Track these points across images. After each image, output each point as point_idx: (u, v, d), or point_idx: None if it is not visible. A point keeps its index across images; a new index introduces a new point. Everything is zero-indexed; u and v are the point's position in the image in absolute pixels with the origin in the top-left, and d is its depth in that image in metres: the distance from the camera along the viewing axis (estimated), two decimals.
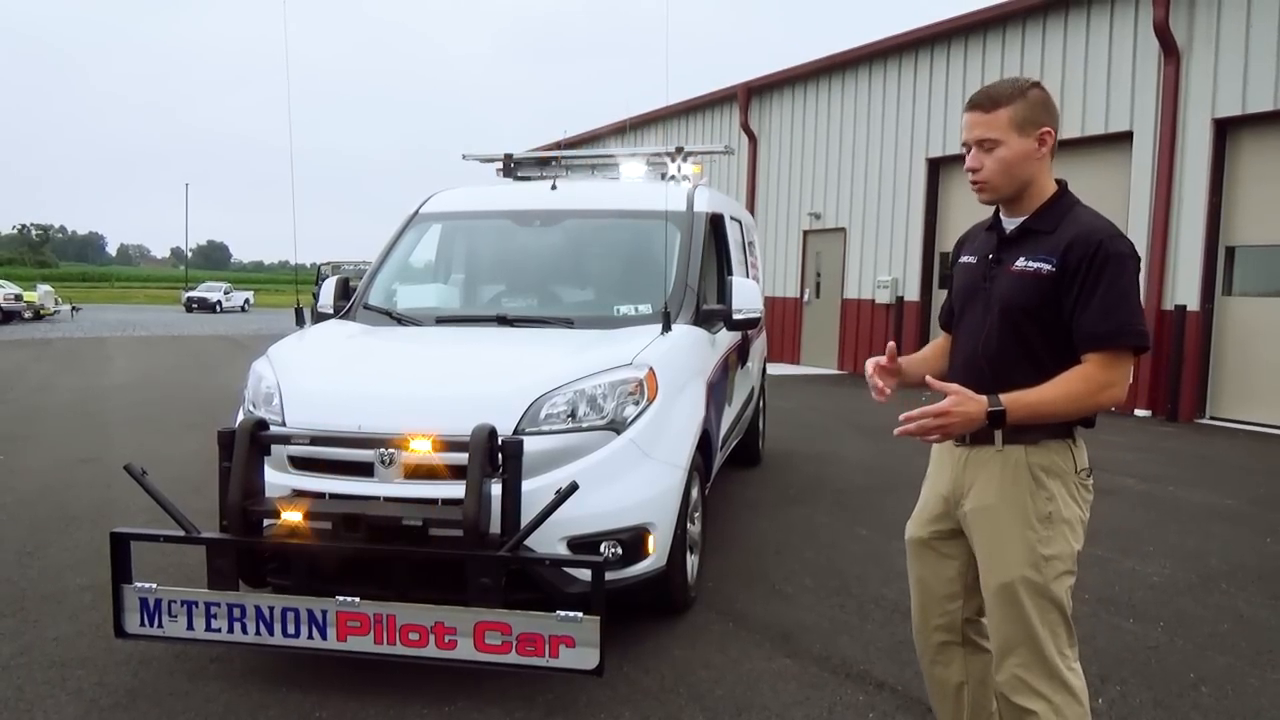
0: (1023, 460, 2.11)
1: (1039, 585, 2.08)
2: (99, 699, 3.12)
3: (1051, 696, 2.08)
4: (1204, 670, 3.45)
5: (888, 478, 6.75)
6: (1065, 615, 2.11)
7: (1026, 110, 2.09)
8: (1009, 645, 2.12)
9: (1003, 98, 2.10)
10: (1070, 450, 2.13)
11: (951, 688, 2.40)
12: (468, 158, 6.32)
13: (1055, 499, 2.10)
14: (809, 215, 15.56)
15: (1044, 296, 2.07)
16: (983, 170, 2.13)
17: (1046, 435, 2.09)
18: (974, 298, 2.23)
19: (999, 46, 12.13)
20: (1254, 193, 9.67)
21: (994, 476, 2.14)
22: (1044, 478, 2.10)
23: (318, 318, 4.86)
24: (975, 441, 2.16)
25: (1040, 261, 2.08)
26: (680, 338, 4.14)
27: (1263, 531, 5.42)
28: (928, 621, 2.40)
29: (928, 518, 2.35)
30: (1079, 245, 2.03)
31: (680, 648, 3.58)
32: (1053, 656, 2.09)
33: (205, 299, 43.43)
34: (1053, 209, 2.14)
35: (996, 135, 2.10)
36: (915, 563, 2.40)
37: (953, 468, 2.25)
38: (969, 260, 2.31)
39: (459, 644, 2.93)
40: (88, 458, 7.14)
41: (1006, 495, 2.12)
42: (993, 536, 2.14)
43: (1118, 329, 2.00)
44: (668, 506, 3.58)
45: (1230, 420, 9.80)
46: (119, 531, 3.16)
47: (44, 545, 4.83)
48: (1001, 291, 2.14)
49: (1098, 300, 2.01)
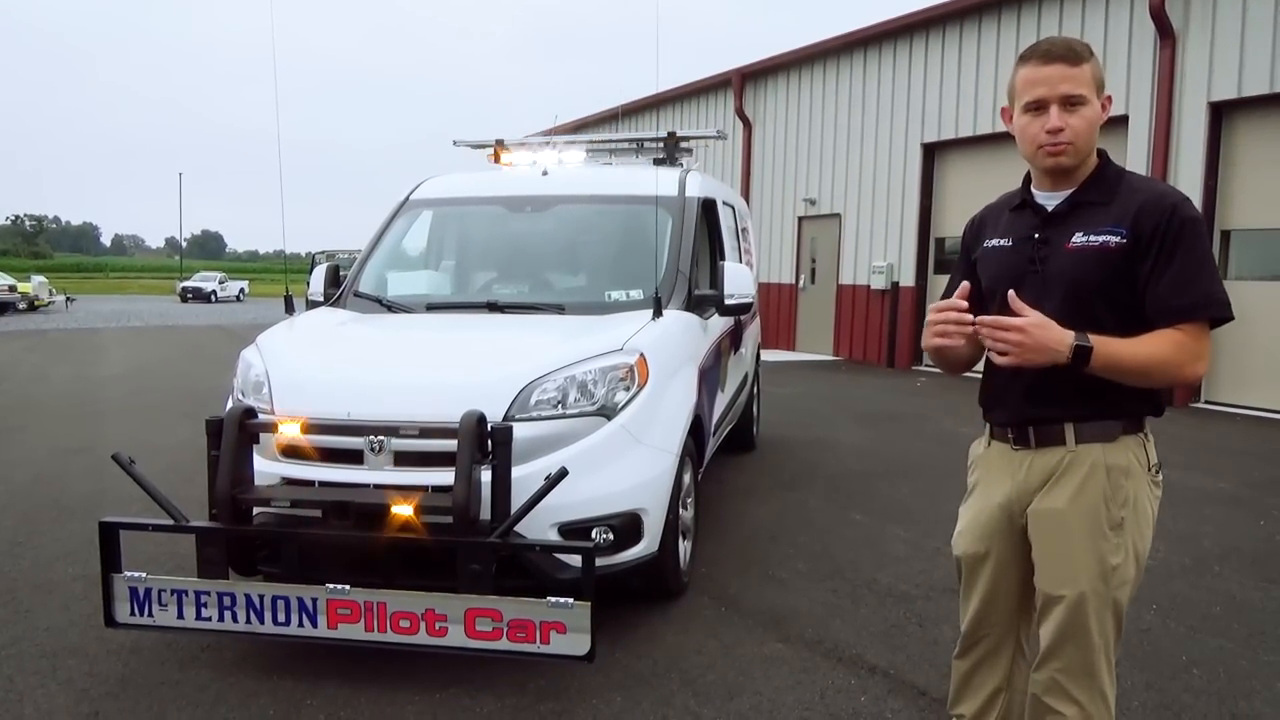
0: (1100, 462, 1.96)
1: (1104, 596, 1.96)
2: (90, 689, 3.11)
3: (1086, 704, 2.00)
4: (1196, 652, 3.45)
5: (882, 463, 6.75)
6: (1120, 624, 2.01)
7: (1099, 71, 1.94)
8: (1057, 650, 2.01)
9: (1085, 52, 1.92)
10: (1144, 446, 2.00)
11: (988, 691, 2.27)
12: (458, 144, 6.28)
13: (1129, 503, 1.97)
14: (804, 201, 15.51)
15: (1115, 271, 1.90)
16: (1067, 130, 1.91)
17: (1122, 430, 1.96)
18: (1019, 284, 1.97)
19: (994, 30, 12.07)
20: (1250, 176, 9.64)
21: (1066, 481, 1.98)
22: (1121, 480, 1.96)
23: (310, 306, 4.84)
24: (1041, 443, 2.01)
25: (1106, 234, 1.91)
26: (672, 323, 4.13)
27: (1257, 515, 5.43)
28: (983, 628, 2.23)
29: (987, 531, 2.14)
30: (1151, 211, 1.89)
31: (672, 633, 3.58)
32: (1099, 665, 1.99)
33: (200, 289, 43.27)
34: (1103, 178, 1.99)
35: (1084, 91, 1.91)
36: (978, 577, 2.19)
37: (1013, 474, 2.07)
38: (1000, 244, 2.10)
39: (450, 631, 2.92)
40: (80, 448, 7.12)
41: (1079, 501, 1.96)
42: (1060, 544, 1.99)
43: (1204, 299, 1.86)
44: (659, 492, 3.57)
45: (1226, 404, 9.81)
46: (108, 520, 3.15)
47: (36, 535, 4.82)
48: (1061, 272, 1.95)
49: (1176, 269, 1.86)
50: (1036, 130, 1.96)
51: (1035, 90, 1.94)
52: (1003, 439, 2.11)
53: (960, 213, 12.95)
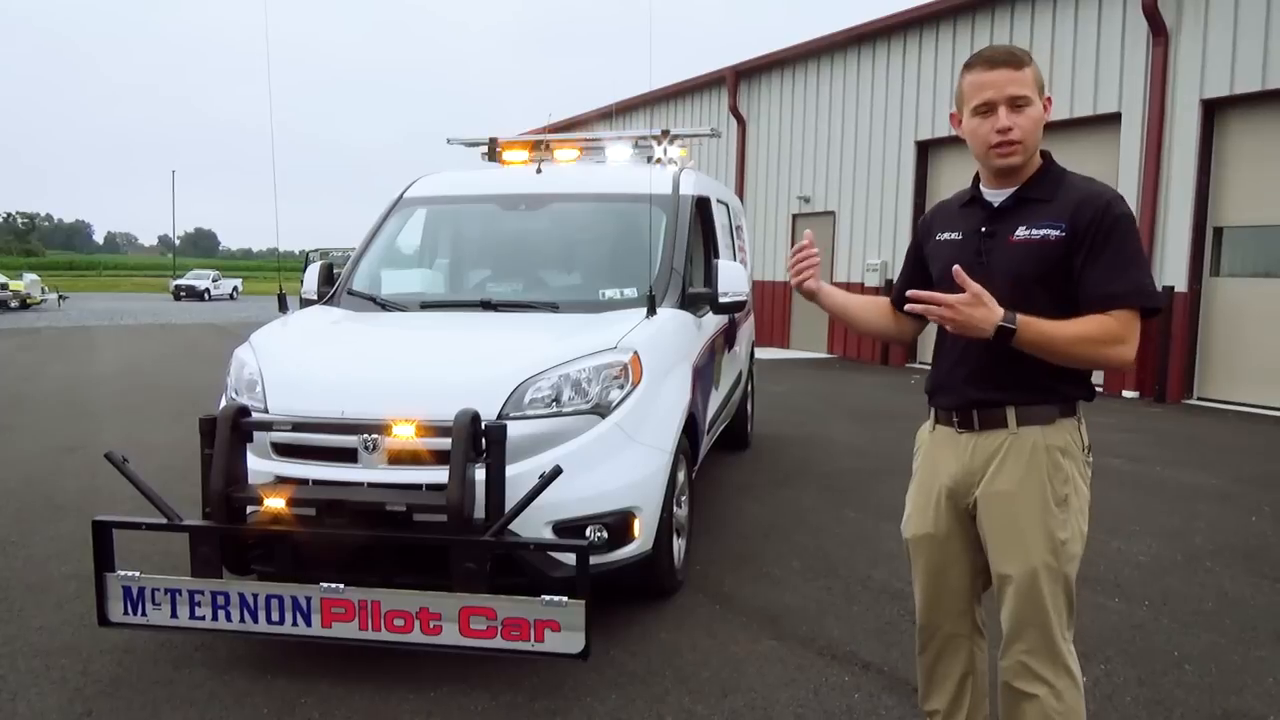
0: (1040, 443, 2.07)
1: (1055, 570, 2.06)
2: (83, 688, 3.10)
3: (1054, 681, 2.08)
4: (1188, 648, 3.47)
5: (876, 461, 6.76)
6: (1071, 599, 2.11)
7: (1039, 74, 2.07)
8: (1019, 631, 2.10)
9: (1026, 57, 2.06)
10: (1079, 429, 2.12)
11: (955, 679, 2.34)
12: (452, 141, 6.27)
13: (1070, 480, 2.08)
14: (798, 198, 15.53)
15: (1055, 262, 2.04)
16: (1015, 130, 2.04)
17: (1059, 413, 2.08)
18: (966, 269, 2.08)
19: (988, 28, 12.09)
20: (1242, 173, 9.68)
21: (1009, 462, 2.09)
22: (1060, 459, 2.08)
23: (303, 304, 4.83)
24: (985, 426, 2.12)
25: (1047, 228, 2.04)
26: (665, 321, 4.13)
27: (1248, 510, 5.45)
28: (938, 615, 2.32)
29: (934, 513, 2.25)
30: (1087, 207, 2.01)
31: (667, 631, 3.59)
32: (1058, 641, 2.09)
33: (193, 287, 43.12)
34: (1046, 176, 2.12)
35: (1028, 92, 2.03)
36: (926, 559, 2.30)
37: (958, 457, 2.18)
38: (951, 237, 2.24)
39: (444, 629, 2.92)
40: (73, 446, 7.10)
41: (1025, 480, 2.08)
42: (1011, 523, 2.09)
43: (1132, 288, 1.99)
44: (653, 490, 3.57)
45: (1218, 401, 9.85)
46: (101, 519, 3.14)
47: (29, 534, 4.81)
48: (1005, 264, 2.09)
49: (1109, 260, 1.99)
50: (987, 131, 2.07)
51: (983, 94, 2.05)
52: (947, 423, 2.22)
53: None
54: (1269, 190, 9.41)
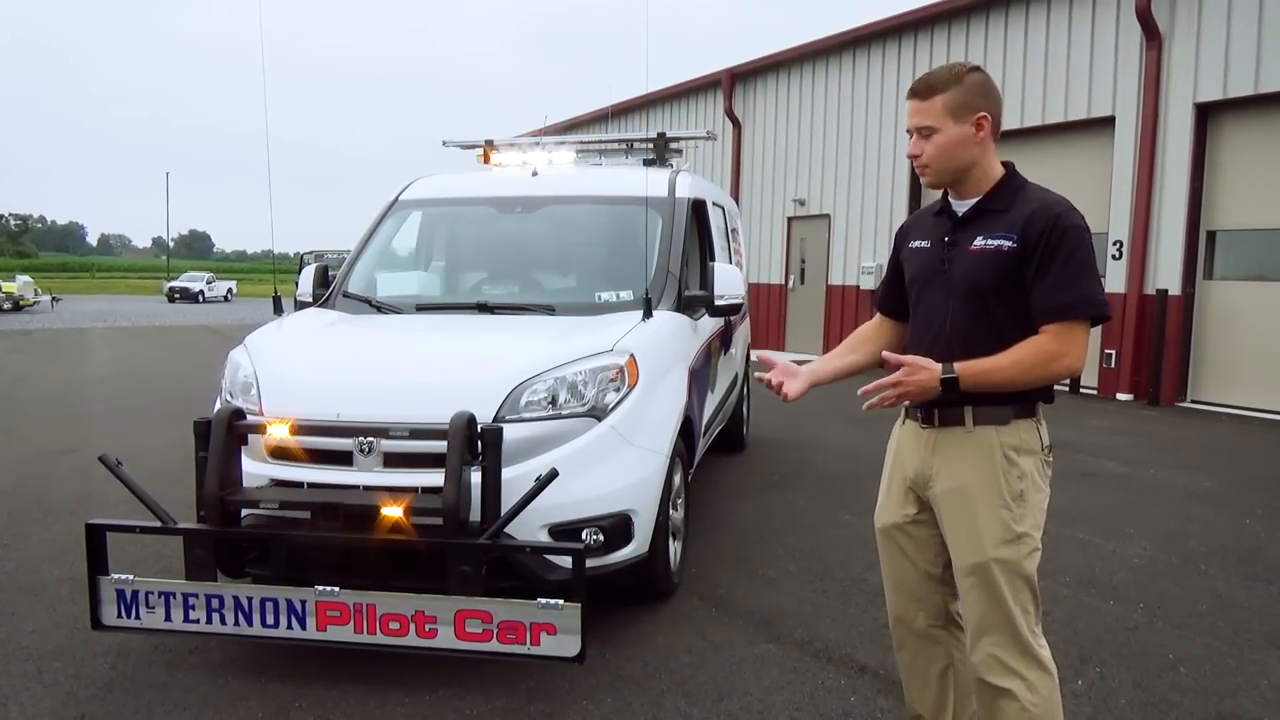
0: (994, 441, 2.14)
1: (1012, 563, 2.11)
2: (76, 691, 3.09)
3: (1026, 674, 2.13)
4: (1183, 651, 3.48)
5: (871, 464, 6.72)
6: (1035, 592, 2.16)
7: (962, 96, 2.13)
8: (984, 625, 2.15)
9: (939, 85, 2.14)
10: (1037, 429, 2.18)
11: (935, 674, 2.40)
12: (448, 144, 6.27)
13: (1026, 477, 2.14)
14: (793, 201, 15.54)
15: (1007, 273, 2.10)
16: (923, 155, 2.18)
17: (1015, 414, 2.14)
18: (932, 281, 2.25)
19: (982, 31, 12.12)
20: (1235, 177, 9.71)
21: (966, 458, 2.17)
22: (1015, 456, 2.14)
23: (298, 306, 4.82)
24: (945, 423, 2.20)
25: (1000, 239, 2.12)
26: (662, 324, 4.13)
27: (1242, 513, 5.47)
28: (909, 609, 2.39)
29: (896, 505, 2.37)
30: (1038, 219, 2.07)
31: (663, 634, 3.58)
32: (1025, 634, 2.13)
33: (188, 289, 43.01)
34: (1004, 189, 2.18)
35: (931, 122, 2.14)
36: (890, 551, 2.41)
37: (919, 451, 2.27)
38: (921, 245, 2.32)
39: (439, 632, 2.92)
40: (66, 449, 7.07)
41: (979, 476, 2.14)
42: (966, 517, 2.16)
43: (1077, 300, 2.04)
44: (649, 493, 3.57)
45: (1211, 403, 9.87)
46: (94, 523, 3.13)
47: (21, 537, 4.79)
48: (963, 272, 2.17)
49: (1056, 272, 2.05)
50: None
51: (907, 121, 2.23)
52: (913, 418, 2.31)
53: None
54: (1262, 193, 9.45)
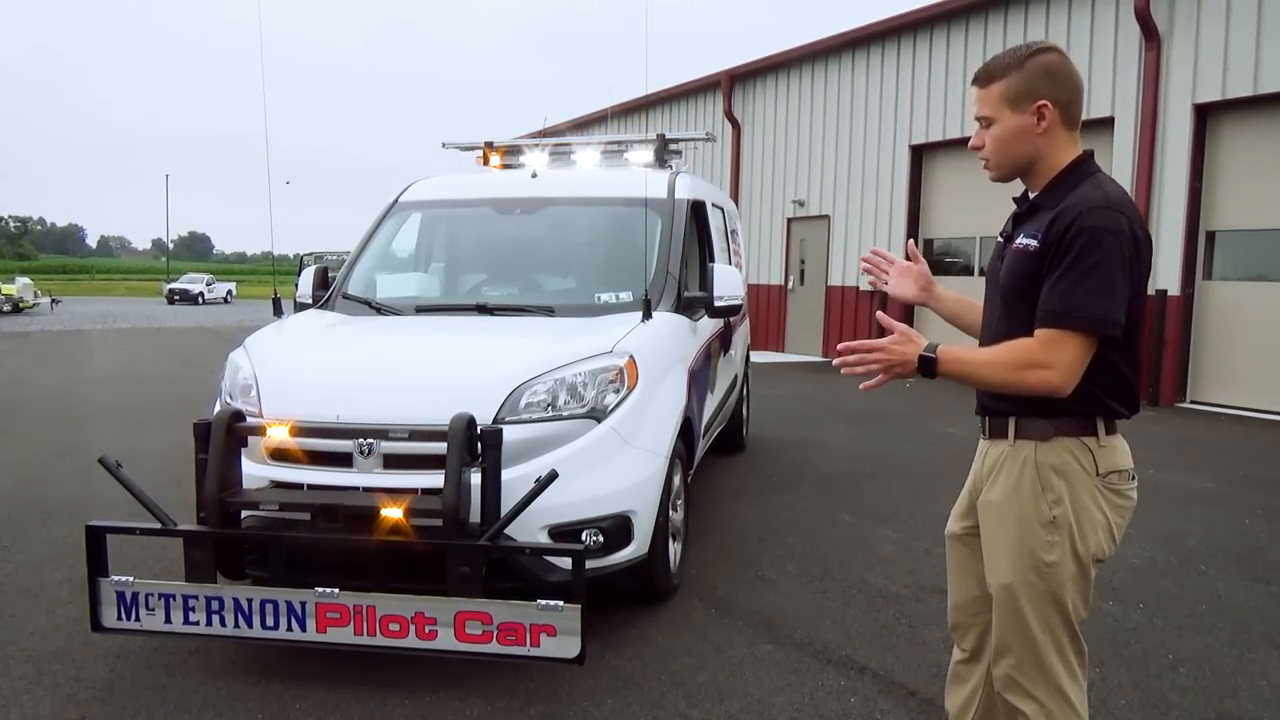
0: (1031, 459, 1.98)
1: (1040, 590, 1.98)
2: (76, 693, 3.09)
3: (1045, 701, 2.00)
4: (1182, 651, 3.48)
5: (871, 464, 6.77)
6: (1069, 621, 2.00)
7: (1021, 83, 1.96)
8: (1005, 644, 2.05)
9: (997, 71, 2.00)
10: (1090, 450, 1.95)
11: (971, 685, 2.30)
12: (447, 146, 6.27)
13: (1063, 502, 1.95)
14: (793, 202, 15.55)
15: (1029, 275, 1.94)
16: (984, 148, 2.05)
17: (1058, 432, 1.95)
18: (991, 277, 2.14)
19: (981, 32, 12.12)
20: (1234, 178, 9.72)
21: (1006, 473, 2.03)
22: (1052, 478, 1.96)
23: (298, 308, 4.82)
24: (993, 435, 2.08)
25: (1030, 238, 1.95)
26: (661, 325, 4.13)
27: (1242, 513, 5.47)
28: (959, 614, 2.29)
29: (961, 512, 2.27)
30: (1064, 217, 1.89)
31: (662, 635, 3.58)
32: (1050, 660, 1.99)
33: (187, 290, 43.00)
34: (1061, 182, 1.99)
35: (989, 112, 2.01)
36: (950, 558, 2.31)
37: (978, 462, 2.16)
38: (997, 238, 2.19)
39: (439, 634, 2.91)
40: (66, 451, 7.07)
41: (1012, 494, 2.01)
42: (995, 535, 2.06)
43: (1070, 307, 1.85)
44: (649, 494, 3.57)
45: (1211, 404, 9.87)
46: (94, 525, 3.13)
47: (21, 539, 4.78)
48: (1005, 271, 2.04)
49: (1059, 274, 1.87)
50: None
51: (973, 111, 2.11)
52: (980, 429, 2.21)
53: (948, 214, 13.02)
54: (1261, 194, 9.45)
